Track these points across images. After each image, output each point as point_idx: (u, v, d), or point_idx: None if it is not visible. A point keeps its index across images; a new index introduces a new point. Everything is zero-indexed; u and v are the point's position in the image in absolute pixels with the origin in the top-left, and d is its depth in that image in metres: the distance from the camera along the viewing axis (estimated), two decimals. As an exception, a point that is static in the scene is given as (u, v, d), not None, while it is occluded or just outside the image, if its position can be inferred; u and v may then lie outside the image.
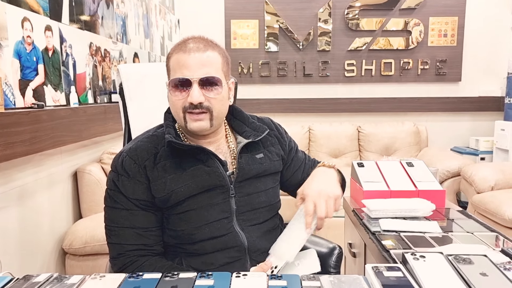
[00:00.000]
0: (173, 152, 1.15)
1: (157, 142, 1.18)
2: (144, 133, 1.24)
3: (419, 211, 1.52)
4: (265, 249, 1.20)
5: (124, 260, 1.13)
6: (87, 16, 2.35)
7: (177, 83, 1.10)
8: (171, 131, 1.17)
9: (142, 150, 1.16)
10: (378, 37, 4.29)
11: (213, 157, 1.16)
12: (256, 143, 1.25)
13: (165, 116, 1.23)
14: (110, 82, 2.70)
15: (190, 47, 1.11)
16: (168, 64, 1.15)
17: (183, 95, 1.10)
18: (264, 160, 1.24)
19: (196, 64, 1.09)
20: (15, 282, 0.90)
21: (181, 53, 1.11)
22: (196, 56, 1.10)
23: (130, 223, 1.13)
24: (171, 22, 4.13)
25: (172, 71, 1.12)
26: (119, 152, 1.19)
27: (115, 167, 1.16)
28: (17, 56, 1.71)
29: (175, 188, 1.13)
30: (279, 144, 1.31)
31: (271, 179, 1.27)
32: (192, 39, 1.14)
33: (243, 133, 1.26)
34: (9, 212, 1.73)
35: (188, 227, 1.15)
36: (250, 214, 1.20)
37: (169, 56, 1.14)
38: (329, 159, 4.13)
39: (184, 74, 1.09)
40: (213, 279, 0.90)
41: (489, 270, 0.89)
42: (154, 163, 1.14)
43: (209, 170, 1.15)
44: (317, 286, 0.87)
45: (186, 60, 1.09)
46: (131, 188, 1.13)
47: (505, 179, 3.12)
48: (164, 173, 1.13)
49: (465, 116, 4.42)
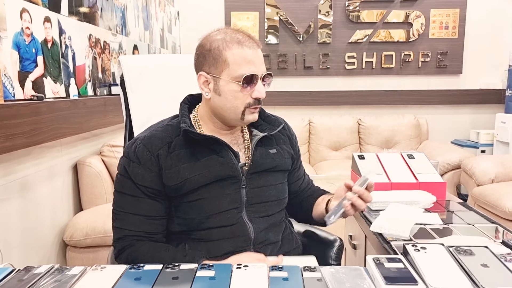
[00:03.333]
0: (187, 142, 1.17)
1: (172, 131, 1.19)
2: (158, 123, 1.25)
3: (420, 203, 1.52)
4: (269, 241, 1.22)
5: (123, 243, 1.15)
6: (86, 7, 2.34)
7: (248, 79, 1.12)
8: (186, 121, 1.18)
9: (157, 138, 1.17)
10: (379, 29, 4.27)
11: (226, 148, 1.18)
12: (270, 138, 1.27)
13: (181, 106, 1.25)
14: (110, 74, 2.69)
15: (250, 42, 1.13)
16: (223, 57, 1.12)
17: (247, 90, 1.13)
18: (276, 155, 1.26)
19: (260, 61, 1.15)
20: (16, 273, 0.90)
21: (246, 48, 1.12)
22: (258, 52, 1.15)
23: (135, 209, 1.15)
24: (170, 14, 4.11)
25: (236, 65, 1.11)
26: (133, 139, 1.20)
27: (127, 153, 1.18)
28: (16, 48, 1.70)
29: (189, 177, 1.14)
30: (290, 143, 1.34)
31: (281, 175, 1.29)
32: (240, 33, 1.15)
33: (258, 126, 1.28)
34: (9, 204, 1.73)
35: (198, 215, 1.16)
36: (259, 206, 1.21)
37: (224, 48, 1.12)
38: (330, 152, 4.13)
39: (252, 70, 1.12)
40: (214, 270, 0.90)
41: (490, 261, 0.89)
42: (168, 152, 1.16)
43: (222, 160, 1.17)
44: (318, 277, 0.88)
45: (253, 56, 1.13)
46: (140, 175, 1.14)
47: (505, 172, 3.12)
48: (178, 162, 1.15)
49: (466, 108, 4.41)
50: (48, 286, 0.83)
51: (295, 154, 1.35)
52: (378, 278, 0.82)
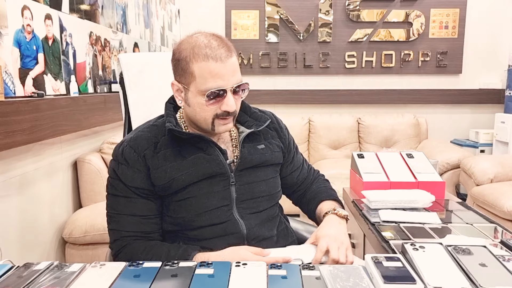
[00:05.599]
0: (173, 141, 1.17)
1: (157, 131, 1.19)
2: (145, 123, 1.26)
3: (419, 202, 1.52)
4: (263, 237, 1.22)
5: (121, 243, 1.16)
6: (87, 5, 2.34)
7: (213, 94, 1.09)
8: (171, 120, 1.18)
9: (142, 139, 1.18)
10: (379, 28, 4.27)
11: (213, 145, 1.18)
12: (257, 134, 1.26)
13: (166, 106, 1.24)
14: (110, 72, 2.69)
15: (218, 54, 1.08)
16: (190, 69, 1.09)
17: (213, 104, 1.11)
18: (265, 150, 1.26)
19: (229, 73, 1.09)
20: (16, 269, 0.90)
21: (212, 61, 1.07)
22: (227, 64, 1.08)
23: (129, 210, 1.16)
24: (171, 12, 4.10)
25: (202, 79, 1.08)
26: (120, 142, 1.21)
27: (115, 156, 1.19)
28: (17, 45, 1.70)
29: (176, 176, 1.14)
30: (278, 137, 1.33)
31: (272, 170, 1.29)
32: (213, 41, 1.10)
33: (245, 123, 1.27)
34: (9, 201, 1.73)
35: (188, 214, 1.17)
36: (250, 203, 1.21)
37: (190, 59, 1.09)
38: (329, 151, 4.13)
39: (219, 84, 1.08)
40: (213, 268, 0.90)
41: (489, 260, 0.90)
42: (155, 152, 1.16)
43: (209, 158, 1.17)
44: (317, 275, 0.88)
45: (220, 70, 1.08)
46: (130, 177, 1.15)
47: (505, 171, 3.12)
48: (165, 161, 1.15)
49: (465, 108, 4.41)
50: (48, 283, 0.83)
51: (285, 147, 1.33)
52: (376, 277, 0.83)
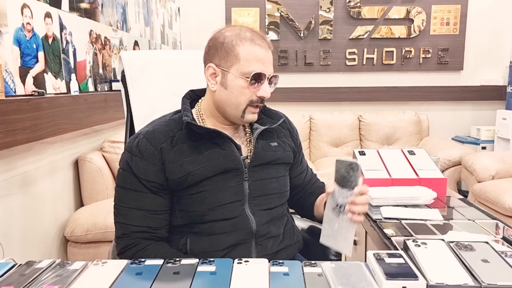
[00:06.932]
0: (190, 136, 1.18)
1: (174, 126, 1.20)
2: (161, 117, 1.26)
3: (421, 199, 1.52)
4: (271, 234, 1.22)
5: (128, 241, 1.15)
6: (87, 3, 2.33)
7: (256, 76, 1.14)
8: (188, 115, 1.19)
9: (159, 132, 1.18)
10: (380, 25, 4.26)
11: (228, 141, 1.19)
12: (270, 131, 1.28)
13: (183, 101, 1.26)
14: (110, 70, 2.69)
15: (262, 43, 1.16)
16: (235, 51, 1.14)
17: (253, 87, 1.15)
18: (278, 148, 1.27)
19: (269, 61, 1.18)
20: (18, 268, 0.90)
21: (258, 47, 1.15)
22: (269, 54, 1.18)
23: (137, 204, 1.16)
24: (171, 10, 4.10)
25: (247, 61, 1.14)
26: (136, 134, 1.21)
27: (130, 148, 1.18)
28: (17, 43, 1.70)
29: (192, 170, 1.15)
30: (290, 136, 1.35)
31: (283, 168, 1.30)
32: (255, 32, 1.18)
33: (260, 119, 1.28)
34: (10, 200, 1.73)
35: (201, 208, 1.17)
36: (262, 199, 1.22)
37: (236, 43, 1.15)
38: (330, 148, 4.13)
39: (261, 69, 1.14)
40: (215, 265, 0.90)
41: (491, 256, 0.89)
42: (171, 146, 1.16)
43: (225, 153, 1.18)
44: (319, 272, 0.88)
45: (263, 55, 1.15)
46: (143, 169, 1.15)
47: (506, 168, 3.12)
48: (181, 155, 1.16)
49: (467, 105, 4.40)
50: (50, 281, 0.83)
51: (296, 147, 1.36)
52: (378, 273, 0.83)
